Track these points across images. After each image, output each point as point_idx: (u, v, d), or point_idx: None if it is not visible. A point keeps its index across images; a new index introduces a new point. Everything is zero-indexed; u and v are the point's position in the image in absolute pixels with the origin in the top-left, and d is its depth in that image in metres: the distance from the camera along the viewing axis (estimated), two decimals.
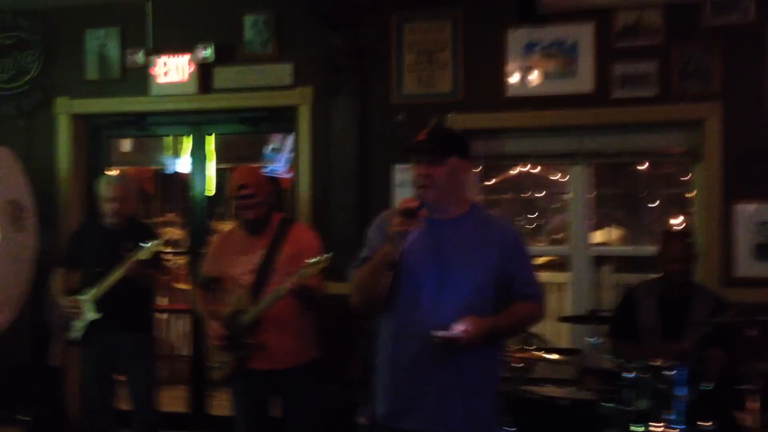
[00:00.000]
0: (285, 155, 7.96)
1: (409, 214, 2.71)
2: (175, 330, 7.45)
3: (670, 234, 4.34)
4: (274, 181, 4.33)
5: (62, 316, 4.67)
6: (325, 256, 3.68)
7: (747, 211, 4.80)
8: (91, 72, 5.80)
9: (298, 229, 4.09)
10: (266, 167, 8.38)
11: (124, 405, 4.83)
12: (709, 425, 3.53)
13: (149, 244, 4.42)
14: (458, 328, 2.66)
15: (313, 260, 3.65)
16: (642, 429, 3.57)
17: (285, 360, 3.87)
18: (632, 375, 3.71)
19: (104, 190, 4.71)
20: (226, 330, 3.88)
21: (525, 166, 5.94)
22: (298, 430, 3.98)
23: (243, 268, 3.95)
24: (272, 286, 3.82)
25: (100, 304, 4.52)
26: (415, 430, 2.81)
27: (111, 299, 4.47)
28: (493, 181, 6.06)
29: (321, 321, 4.06)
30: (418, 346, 2.77)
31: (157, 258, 4.60)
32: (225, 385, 4.12)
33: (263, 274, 3.89)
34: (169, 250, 4.64)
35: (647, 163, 5.50)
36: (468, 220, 2.87)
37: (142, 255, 4.41)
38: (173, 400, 6.41)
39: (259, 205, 3.93)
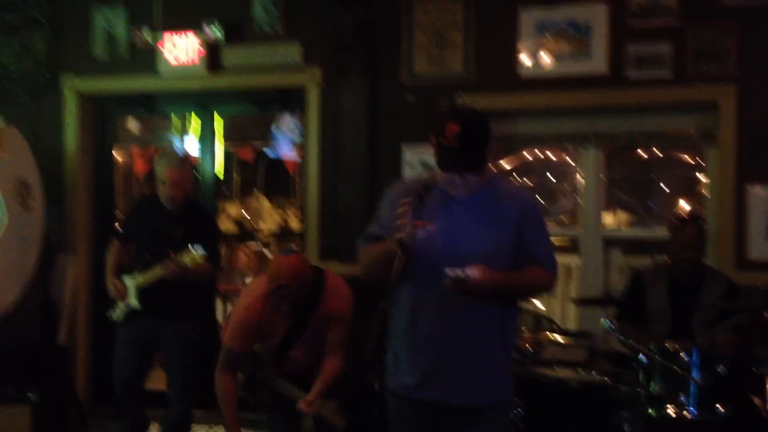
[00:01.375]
0: (291, 136, 7.93)
1: (421, 194, 2.69)
2: None
3: (682, 219, 4.30)
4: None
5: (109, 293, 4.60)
6: (199, 254, 4.17)
7: (760, 193, 4.76)
8: (99, 51, 5.76)
9: (332, 294, 3.78)
10: (272, 148, 8.36)
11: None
12: (723, 409, 3.50)
13: (194, 253, 4.26)
14: (469, 272, 2.64)
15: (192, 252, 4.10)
16: (656, 412, 3.54)
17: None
18: (645, 358, 3.68)
19: (160, 170, 4.53)
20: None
21: (536, 149, 5.89)
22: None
23: (272, 340, 3.82)
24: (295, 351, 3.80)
25: (142, 292, 4.45)
26: (434, 401, 2.81)
27: (155, 286, 4.39)
28: (504, 163, 6.00)
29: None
30: (435, 319, 2.76)
31: (214, 250, 4.49)
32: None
33: (292, 336, 3.80)
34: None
35: (659, 146, 5.43)
36: (486, 194, 2.82)
37: (186, 261, 4.27)
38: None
39: (297, 298, 3.66)
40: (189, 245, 4.26)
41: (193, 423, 4.80)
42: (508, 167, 5.98)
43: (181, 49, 5.54)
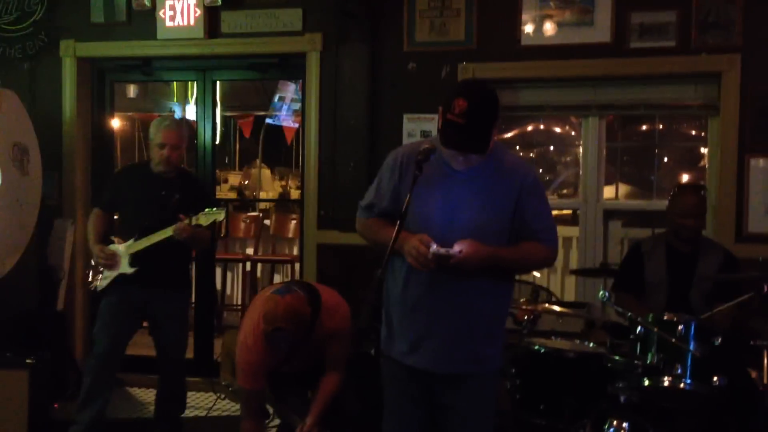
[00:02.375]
0: (291, 104, 7.88)
1: (420, 162, 2.68)
2: None
3: (683, 187, 4.27)
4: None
5: (93, 263, 4.44)
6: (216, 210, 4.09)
7: (762, 166, 4.73)
8: (97, 15, 5.69)
9: (327, 314, 3.69)
10: (273, 116, 8.32)
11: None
12: (719, 381, 3.50)
13: (214, 211, 4.17)
14: (455, 248, 2.63)
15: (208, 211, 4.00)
16: (651, 383, 3.54)
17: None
18: (641, 329, 3.67)
19: (156, 133, 4.37)
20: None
21: (538, 120, 5.85)
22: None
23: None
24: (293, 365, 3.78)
25: (136, 258, 4.27)
26: (421, 367, 2.84)
27: (149, 254, 4.22)
28: (505, 133, 5.97)
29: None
30: (426, 287, 2.78)
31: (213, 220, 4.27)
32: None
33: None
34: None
35: (662, 117, 5.39)
36: (487, 166, 2.78)
37: (202, 221, 4.15)
38: None
39: (293, 341, 3.55)
40: (205, 209, 4.18)
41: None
42: (508, 137, 5.94)
43: (179, 14, 5.49)
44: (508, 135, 5.93)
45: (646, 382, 3.55)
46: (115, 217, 4.60)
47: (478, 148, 2.67)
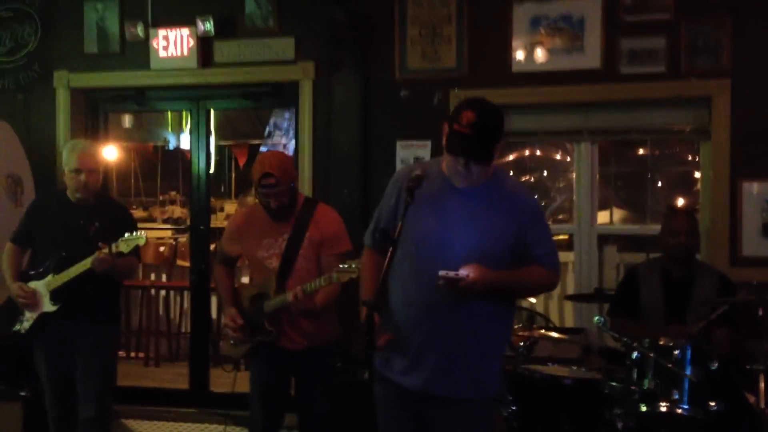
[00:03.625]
0: (285, 132, 7.90)
1: (412, 188, 2.70)
2: (176, 307, 7.42)
3: (673, 208, 4.30)
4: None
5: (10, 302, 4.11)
6: (354, 265, 3.48)
7: (754, 189, 4.74)
8: (90, 45, 5.72)
9: (322, 211, 3.90)
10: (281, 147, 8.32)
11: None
12: (716, 405, 3.48)
13: (134, 237, 3.92)
14: (462, 272, 2.65)
15: (344, 266, 3.53)
16: (647, 408, 3.52)
17: (305, 341, 3.80)
18: (638, 354, 3.66)
19: (70, 159, 4.07)
20: (249, 311, 3.85)
21: (531, 145, 5.88)
22: (313, 410, 3.89)
23: (268, 251, 3.85)
24: (298, 271, 3.77)
25: (58, 293, 3.99)
26: (418, 389, 2.83)
27: (72, 288, 3.95)
28: (499, 159, 5.99)
29: (340, 301, 3.93)
30: (425, 309, 2.78)
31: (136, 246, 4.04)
32: (241, 362, 4.10)
33: (289, 259, 3.78)
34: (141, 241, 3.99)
35: (653, 141, 5.42)
36: (489, 189, 2.81)
37: (122, 248, 3.89)
38: (174, 377, 6.41)
39: (282, 193, 3.74)
40: (125, 235, 3.92)
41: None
42: (503, 163, 5.96)
43: (173, 44, 5.51)
44: (503, 161, 5.95)
45: (643, 408, 3.54)
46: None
47: (481, 158, 2.72)
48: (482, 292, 2.69)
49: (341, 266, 3.54)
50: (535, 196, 6.60)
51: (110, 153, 6.50)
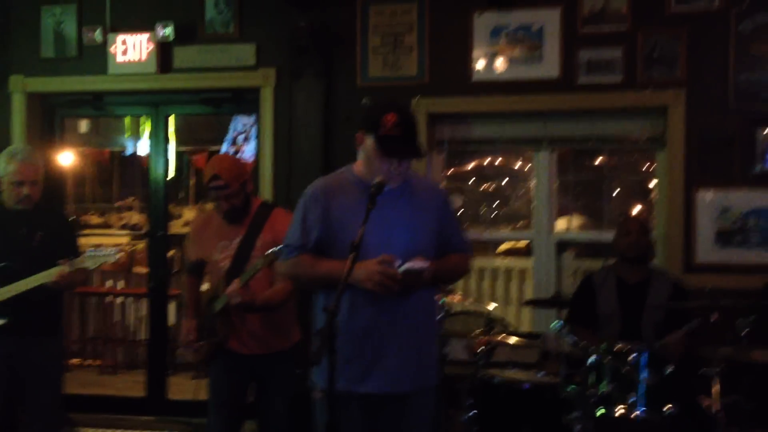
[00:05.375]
0: (246, 138, 7.85)
1: (373, 195, 2.74)
2: (133, 314, 7.33)
3: (625, 214, 4.39)
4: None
5: None
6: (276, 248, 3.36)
7: (708, 197, 4.84)
8: (47, 50, 5.65)
9: (277, 214, 3.87)
10: (238, 153, 8.27)
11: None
12: (671, 409, 3.55)
13: (104, 254, 3.81)
14: (419, 264, 2.75)
15: (269, 252, 3.49)
16: (604, 412, 3.57)
17: (260, 346, 3.78)
18: (594, 359, 3.72)
19: (8, 169, 3.85)
20: (204, 314, 3.85)
21: (490, 153, 5.93)
22: (272, 416, 3.87)
23: (221, 253, 3.83)
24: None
25: (4, 307, 3.78)
26: (376, 391, 2.86)
27: (18, 301, 3.76)
28: (457, 167, 6.04)
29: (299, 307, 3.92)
30: (372, 312, 2.84)
31: (77, 254, 3.90)
32: (200, 368, 4.02)
33: (240, 260, 3.76)
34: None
35: (610, 150, 5.51)
36: (408, 188, 2.95)
37: (88, 264, 3.80)
38: (131, 385, 6.33)
39: (232, 195, 3.73)
40: (92, 252, 3.83)
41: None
42: (463, 171, 6.01)
43: (131, 48, 5.47)
44: (463, 168, 5.99)
45: (600, 412, 3.59)
46: None
47: (415, 154, 2.87)
48: (428, 282, 2.82)
49: (266, 252, 3.50)
50: (495, 202, 6.67)
51: (66, 158, 6.44)
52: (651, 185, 5.40)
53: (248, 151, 7.29)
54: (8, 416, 3.99)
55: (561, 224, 5.61)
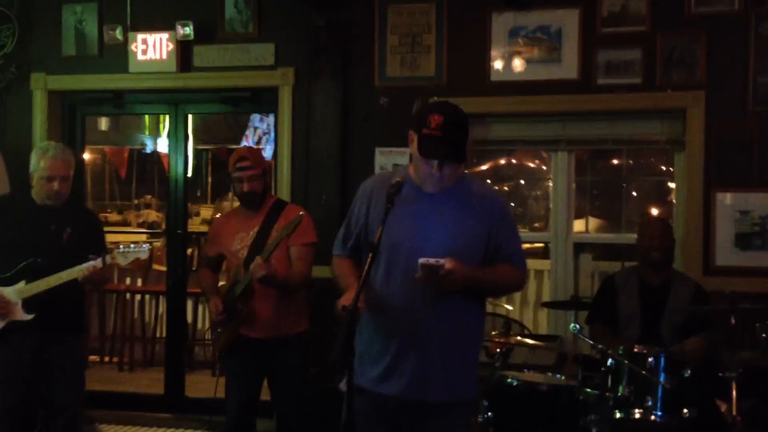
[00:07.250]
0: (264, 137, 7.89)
1: (391, 196, 2.71)
2: (151, 312, 7.37)
3: (648, 216, 4.37)
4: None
5: None
6: (300, 214, 3.87)
7: (727, 200, 4.81)
8: (68, 48, 5.69)
9: (290, 207, 4.19)
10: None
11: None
12: (689, 412, 3.54)
13: (135, 249, 3.87)
14: (441, 260, 2.66)
15: (288, 222, 3.85)
16: (622, 415, 3.57)
17: (274, 329, 3.98)
18: (612, 361, 3.71)
19: (40, 165, 3.89)
20: (225, 301, 4.03)
21: (508, 154, 5.93)
22: (281, 401, 4.10)
23: (240, 243, 4.08)
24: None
25: (32, 302, 3.78)
26: (394, 394, 2.84)
27: (45, 296, 3.77)
28: (477, 167, 6.04)
29: (310, 297, 4.20)
30: (398, 315, 2.81)
31: (105, 250, 3.91)
32: (221, 358, 4.17)
33: (257, 248, 3.97)
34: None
35: (628, 152, 5.49)
36: (458, 192, 2.86)
37: (119, 260, 3.86)
38: (150, 382, 6.37)
39: (256, 177, 4.03)
40: (122, 246, 3.90)
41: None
42: (480, 172, 6.00)
43: (151, 47, 5.50)
44: (481, 169, 5.99)
45: (617, 415, 3.58)
46: None
47: (457, 158, 2.78)
48: (458, 284, 2.71)
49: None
50: (511, 203, 6.66)
51: (85, 156, 6.48)
52: (669, 187, 5.37)
53: (268, 151, 7.33)
54: (26, 413, 4.05)
55: (578, 226, 5.59)
